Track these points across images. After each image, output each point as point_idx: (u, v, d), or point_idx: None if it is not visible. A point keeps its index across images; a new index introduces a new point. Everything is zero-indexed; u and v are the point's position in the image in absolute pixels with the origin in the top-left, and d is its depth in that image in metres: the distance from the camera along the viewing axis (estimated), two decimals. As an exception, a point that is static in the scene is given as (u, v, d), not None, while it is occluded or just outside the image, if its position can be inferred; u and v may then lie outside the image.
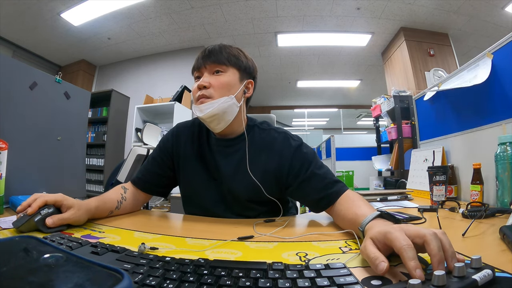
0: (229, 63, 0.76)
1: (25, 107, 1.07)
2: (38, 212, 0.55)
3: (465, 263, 0.29)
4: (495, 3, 2.69)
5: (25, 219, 0.53)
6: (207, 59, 0.76)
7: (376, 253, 0.36)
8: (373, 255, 0.36)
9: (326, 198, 0.68)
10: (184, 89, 3.36)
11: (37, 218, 0.54)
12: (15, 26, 3.10)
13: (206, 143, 0.83)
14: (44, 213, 0.55)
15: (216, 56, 0.75)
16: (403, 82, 3.24)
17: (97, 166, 3.51)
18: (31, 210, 0.54)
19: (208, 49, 0.78)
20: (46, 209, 0.56)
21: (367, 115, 6.72)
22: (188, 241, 0.52)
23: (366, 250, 0.38)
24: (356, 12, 3.02)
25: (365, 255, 0.38)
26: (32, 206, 0.55)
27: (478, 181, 0.89)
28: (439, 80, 1.44)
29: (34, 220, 0.54)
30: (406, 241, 0.34)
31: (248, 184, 0.76)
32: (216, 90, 0.74)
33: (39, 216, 0.55)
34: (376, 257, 0.35)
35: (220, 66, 0.76)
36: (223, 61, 0.75)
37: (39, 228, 0.54)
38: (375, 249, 0.37)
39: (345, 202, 0.65)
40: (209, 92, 0.73)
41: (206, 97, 0.73)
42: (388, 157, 3.01)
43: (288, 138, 0.79)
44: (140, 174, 0.86)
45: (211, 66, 0.76)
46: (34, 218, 0.54)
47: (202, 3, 2.89)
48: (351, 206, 0.62)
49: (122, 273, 0.26)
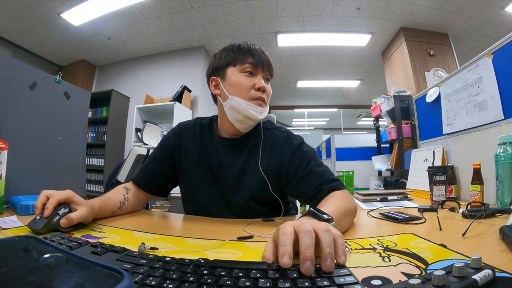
0: (272, 75, 0.81)
1: (25, 107, 1.07)
2: (55, 213, 0.55)
3: (465, 263, 0.29)
4: (495, 3, 2.69)
5: (44, 221, 0.53)
6: (265, 63, 0.77)
7: (266, 253, 0.38)
8: (263, 254, 0.39)
9: (320, 193, 0.69)
10: (184, 89, 3.36)
11: (56, 218, 0.54)
12: (15, 26, 3.10)
13: (209, 143, 0.83)
14: (62, 213, 0.56)
15: (271, 64, 0.79)
16: (403, 82, 3.23)
17: (97, 166, 3.51)
18: (48, 212, 0.54)
19: (260, 50, 0.78)
20: (63, 208, 0.57)
21: (367, 115, 6.72)
22: (188, 241, 0.52)
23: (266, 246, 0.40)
24: (356, 12, 3.02)
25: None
26: (48, 207, 0.54)
27: (478, 181, 0.89)
28: (439, 80, 1.44)
29: (53, 221, 0.54)
30: (282, 231, 0.37)
31: (254, 181, 0.76)
32: (267, 98, 0.78)
33: (57, 217, 0.55)
34: (263, 256, 0.38)
35: (270, 76, 0.80)
36: (273, 72, 0.80)
37: (57, 228, 0.54)
38: (269, 248, 0.39)
39: (326, 198, 0.66)
40: (266, 98, 0.77)
41: (264, 101, 0.76)
42: (388, 157, 3.01)
43: (290, 137, 0.80)
44: (141, 173, 0.86)
45: (267, 72, 0.78)
46: (53, 219, 0.54)
47: (202, 3, 2.89)
48: (322, 203, 0.63)
49: (122, 273, 0.26)
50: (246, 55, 0.75)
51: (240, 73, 0.75)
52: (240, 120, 0.75)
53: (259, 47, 0.78)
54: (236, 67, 0.76)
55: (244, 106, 0.73)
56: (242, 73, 0.75)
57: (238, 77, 0.75)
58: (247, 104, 0.73)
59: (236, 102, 0.73)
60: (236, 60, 0.76)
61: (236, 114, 0.74)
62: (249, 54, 0.75)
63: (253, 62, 0.75)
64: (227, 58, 0.77)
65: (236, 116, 0.75)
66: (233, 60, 0.76)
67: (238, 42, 0.78)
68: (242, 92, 0.74)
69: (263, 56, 0.76)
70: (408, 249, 0.45)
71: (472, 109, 1.11)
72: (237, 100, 0.73)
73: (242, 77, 0.75)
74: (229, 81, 0.76)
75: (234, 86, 0.75)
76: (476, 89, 1.07)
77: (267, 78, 0.79)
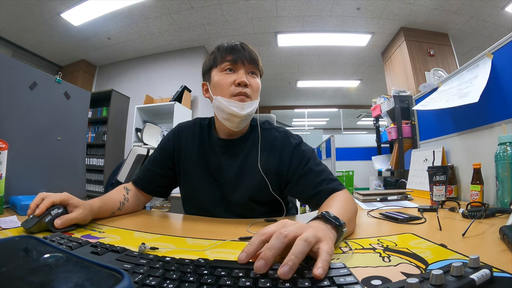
0: (260, 68, 0.79)
1: (25, 107, 1.06)
2: (48, 213, 0.55)
3: (463, 263, 0.29)
4: (495, 3, 2.69)
5: (35, 220, 0.53)
6: (245, 58, 0.75)
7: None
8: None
9: (320, 193, 0.68)
10: (184, 89, 3.36)
11: (48, 218, 0.54)
12: (15, 26, 3.10)
13: (208, 143, 0.83)
14: (54, 213, 0.55)
15: (253, 58, 0.76)
16: (403, 82, 3.23)
17: (97, 166, 3.51)
18: (39, 211, 0.54)
19: (241, 45, 0.76)
20: (56, 209, 0.56)
21: (367, 115, 6.71)
22: (188, 241, 0.52)
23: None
24: (356, 12, 3.02)
25: None
26: (40, 207, 0.55)
27: (478, 181, 0.89)
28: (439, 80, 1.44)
29: (44, 220, 0.54)
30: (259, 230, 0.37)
31: (253, 182, 0.76)
32: (253, 92, 0.76)
33: (50, 217, 0.54)
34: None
35: (255, 68, 0.78)
36: (258, 65, 0.78)
37: (49, 228, 0.54)
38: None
39: (329, 199, 0.65)
40: (249, 92, 0.74)
41: (246, 96, 0.74)
42: (388, 157, 3.01)
43: (288, 137, 0.80)
44: (141, 174, 0.86)
45: (249, 66, 0.76)
46: (45, 218, 0.54)
47: (202, 3, 2.89)
48: (326, 204, 0.62)
49: (122, 273, 0.26)
50: (225, 53, 0.75)
51: (221, 72, 0.75)
52: (226, 118, 0.75)
53: (240, 43, 0.77)
54: (217, 67, 0.76)
55: (226, 104, 0.73)
56: (223, 72, 0.75)
57: (219, 76, 0.75)
58: (228, 102, 0.73)
59: (219, 102, 0.74)
60: (216, 61, 0.76)
61: (222, 113, 0.75)
62: (227, 52, 0.75)
63: (231, 59, 0.75)
64: (210, 61, 0.79)
65: (222, 115, 0.75)
66: (214, 61, 0.77)
67: (221, 43, 0.79)
68: (223, 90, 0.74)
69: (242, 52, 0.75)
70: (408, 249, 0.45)
71: (452, 97, 1.12)
72: (219, 99, 0.74)
73: (223, 76, 0.75)
74: (213, 82, 0.77)
75: (216, 87, 0.75)
76: (468, 84, 1.08)
77: (252, 72, 0.77)
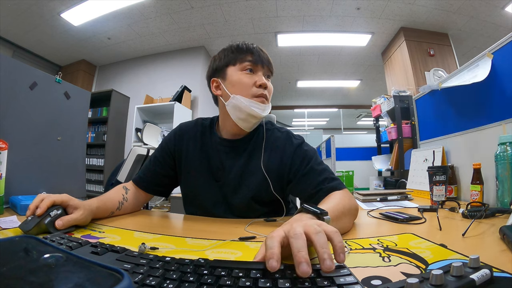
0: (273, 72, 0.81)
1: (25, 107, 1.07)
2: (47, 214, 0.54)
3: (463, 263, 0.29)
4: (495, 3, 2.69)
5: (35, 222, 0.52)
6: (265, 60, 0.77)
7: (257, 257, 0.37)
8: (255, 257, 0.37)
9: (320, 192, 0.69)
10: (184, 89, 3.36)
11: (47, 220, 0.53)
12: (15, 26, 3.10)
13: (210, 144, 0.83)
14: (54, 215, 0.55)
15: (270, 61, 0.79)
16: (403, 82, 3.23)
17: (97, 166, 3.51)
18: (40, 210, 0.53)
19: (259, 48, 0.78)
20: (55, 210, 0.55)
21: (367, 115, 6.72)
22: (188, 241, 0.52)
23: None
24: (356, 12, 3.02)
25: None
26: (41, 207, 0.54)
27: (478, 181, 0.89)
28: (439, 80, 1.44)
29: (44, 222, 0.53)
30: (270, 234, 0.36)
31: (255, 182, 0.76)
32: (269, 94, 0.78)
33: (49, 218, 0.54)
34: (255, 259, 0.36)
35: (270, 72, 0.80)
36: (272, 69, 0.80)
37: (49, 229, 0.53)
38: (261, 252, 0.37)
39: (326, 197, 0.66)
40: (267, 94, 0.76)
41: (266, 98, 0.76)
42: (388, 157, 3.01)
43: (290, 137, 0.81)
44: (142, 173, 0.86)
45: (267, 69, 0.78)
46: (44, 220, 0.53)
47: (202, 3, 2.89)
48: (322, 202, 0.63)
49: (122, 273, 0.26)
50: (245, 53, 0.76)
51: (241, 72, 0.75)
52: (243, 118, 0.75)
53: (257, 46, 0.78)
54: (236, 66, 0.76)
55: (247, 104, 0.72)
56: (243, 71, 0.75)
57: (239, 76, 0.75)
58: (250, 102, 0.73)
59: (239, 101, 0.73)
60: (235, 60, 0.76)
61: (239, 112, 0.74)
62: (248, 52, 0.76)
63: (252, 60, 0.75)
64: (226, 58, 0.78)
65: (239, 115, 0.74)
66: (233, 59, 0.76)
67: (237, 43, 0.79)
68: (244, 90, 0.74)
69: (262, 54, 0.77)
70: (408, 249, 0.45)
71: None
72: (239, 98, 0.73)
73: (243, 75, 0.75)
74: (230, 80, 0.76)
75: (235, 85, 0.75)
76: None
77: (267, 75, 0.79)
